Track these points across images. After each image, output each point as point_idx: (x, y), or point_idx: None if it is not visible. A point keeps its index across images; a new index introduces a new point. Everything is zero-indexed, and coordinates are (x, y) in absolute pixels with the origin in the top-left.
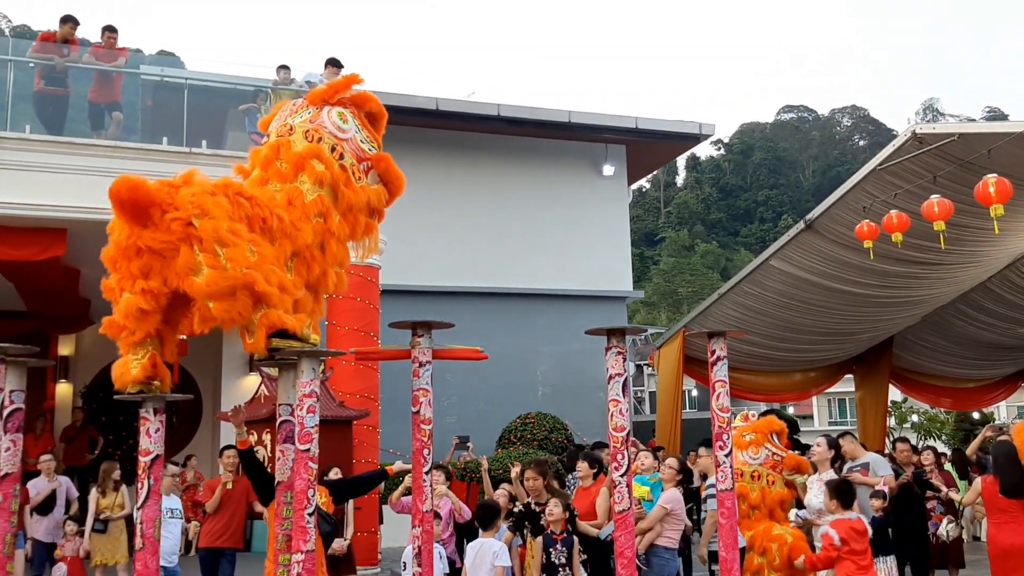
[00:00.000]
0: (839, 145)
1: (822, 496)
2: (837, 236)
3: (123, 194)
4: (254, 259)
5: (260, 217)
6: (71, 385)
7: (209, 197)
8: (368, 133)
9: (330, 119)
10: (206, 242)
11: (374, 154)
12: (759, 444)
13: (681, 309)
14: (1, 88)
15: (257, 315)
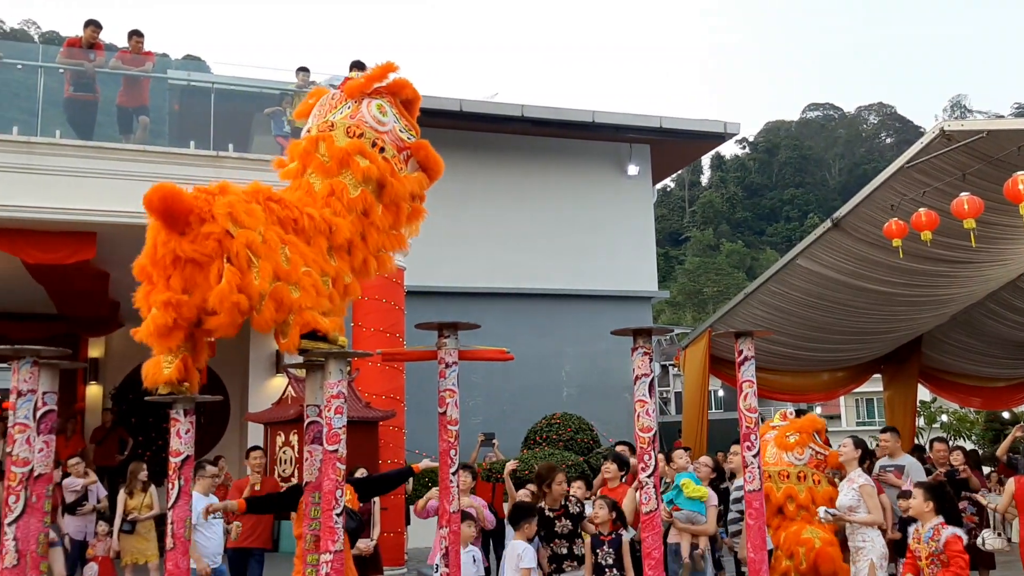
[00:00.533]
0: (866, 143)
1: (851, 495)
2: (865, 235)
3: (155, 203)
4: (287, 266)
5: (291, 219)
6: (101, 387)
7: (244, 206)
8: (406, 121)
9: (370, 113)
10: (239, 252)
11: (413, 143)
12: (804, 444)
13: (706, 309)
14: (32, 94)
15: (291, 316)
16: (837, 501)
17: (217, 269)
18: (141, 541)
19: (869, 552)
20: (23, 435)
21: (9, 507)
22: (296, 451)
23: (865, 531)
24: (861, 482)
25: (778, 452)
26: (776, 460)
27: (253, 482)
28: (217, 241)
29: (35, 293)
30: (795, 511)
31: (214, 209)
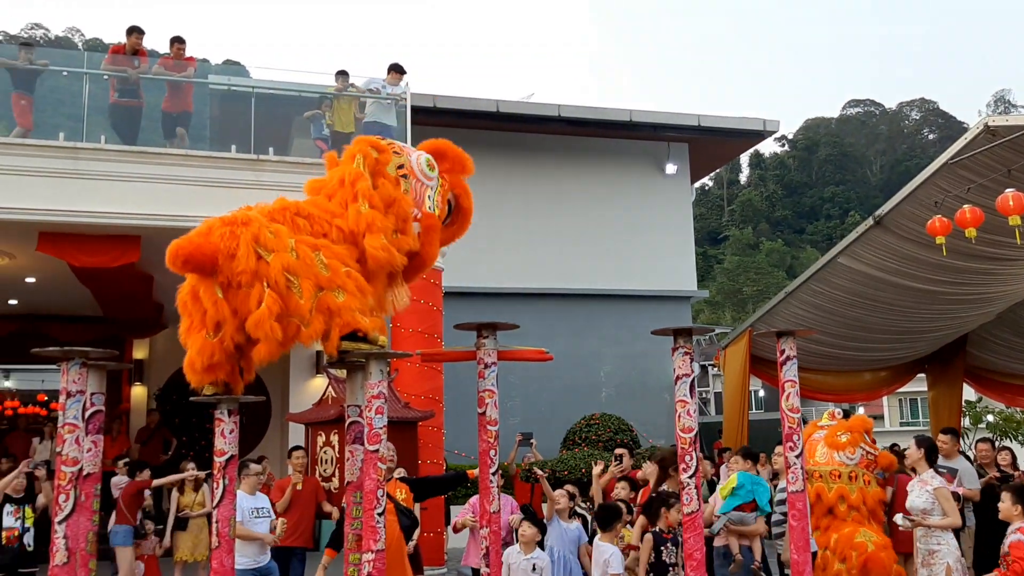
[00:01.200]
0: (907, 139)
1: (925, 497)
2: (908, 232)
3: (178, 262)
4: (327, 273)
5: (321, 233)
6: (145, 388)
7: (268, 229)
8: (441, 204)
9: (419, 158)
10: (277, 278)
11: (429, 212)
12: (855, 444)
13: (746, 308)
14: (77, 100)
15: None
16: (908, 503)
17: (257, 295)
18: (192, 538)
19: (945, 555)
20: (72, 435)
21: (59, 506)
22: (336, 451)
23: (940, 534)
24: (936, 484)
25: (829, 451)
26: (827, 460)
27: (295, 481)
28: (250, 273)
29: (81, 296)
30: (846, 512)
31: (240, 243)
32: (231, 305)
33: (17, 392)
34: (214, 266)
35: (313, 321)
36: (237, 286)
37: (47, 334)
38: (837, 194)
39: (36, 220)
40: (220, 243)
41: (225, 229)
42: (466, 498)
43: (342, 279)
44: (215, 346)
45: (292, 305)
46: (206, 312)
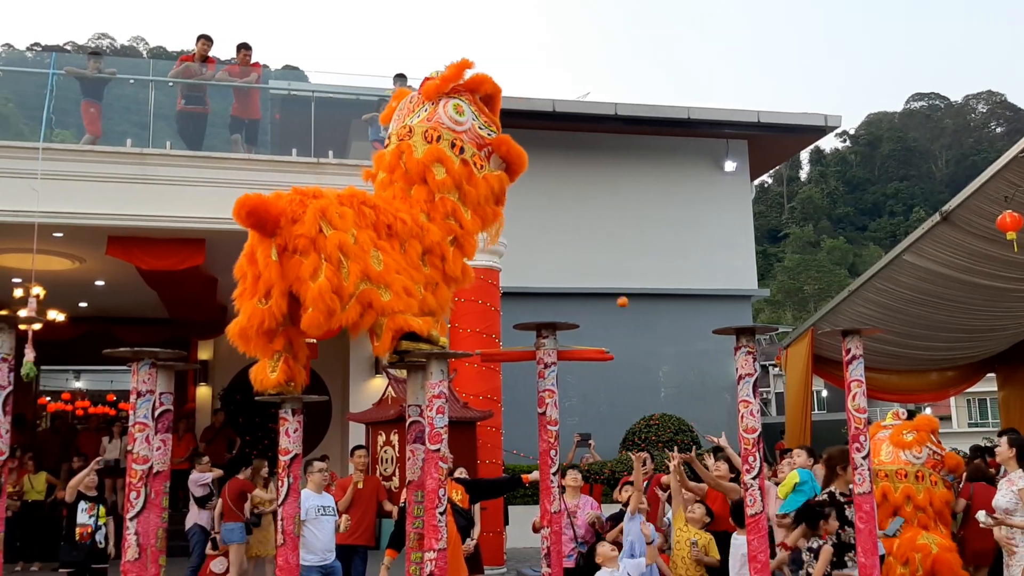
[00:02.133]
0: (974, 133)
1: (1010, 497)
2: (976, 228)
3: (243, 213)
4: (380, 268)
5: (385, 224)
6: (210, 388)
7: (336, 208)
8: (486, 118)
9: (446, 113)
10: (331, 252)
11: (493, 138)
12: (922, 443)
13: (807, 307)
14: (143, 108)
15: (383, 319)
16: (994, 502)
17: (312, 265)
18: (264, 534)
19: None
20: (143, 434)
21: (130, 503)
22: (396, 450)
23: (1022, 535)
24: (1022, 484)
25: (894, 450)
26: (892, 459)
27: (356, 480)
28: (309, 240)
29: (148, 298)
30: (912, 512)
31: (306, 211)
32: (283, 269)
33: (87, 392)
34: (275, 226)
35: (349, 309)
36: (293, 251)
37: (115, 336)
38: (901, 190)
39: (105, 225)
40: (287, 207)
41: (295, 196)
42: (525, 500)
43: (391, 278)
44: (265, 313)
45: (338, 284)
46: (259, 276)
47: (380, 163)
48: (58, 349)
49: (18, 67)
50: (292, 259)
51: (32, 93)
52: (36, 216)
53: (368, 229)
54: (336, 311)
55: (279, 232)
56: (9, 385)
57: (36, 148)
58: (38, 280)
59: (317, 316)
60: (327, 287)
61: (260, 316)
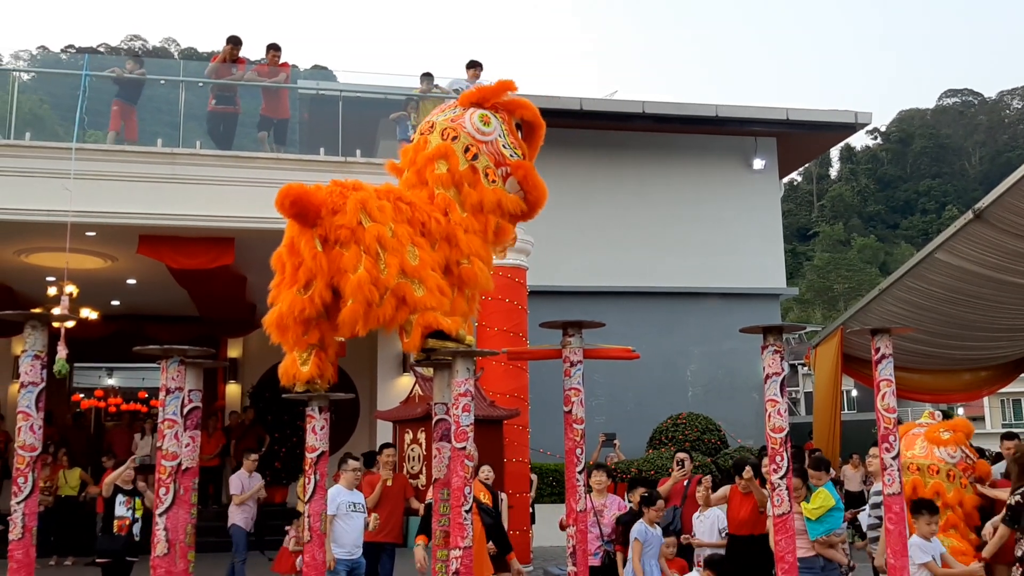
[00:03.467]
0: (1009, 129)
1: None
2: (1011, 226)
3: (286, 203)
4: (415, 263)
5: (420, 221)
6: (239, 385)
7: (376, 201)
8: (514, 140)
9: (471, 120)
10: (369, 244)
11: (514, 160)
12: (958, 443)
13: (837, 306)
14: (174, 108)
15: (414, 316)
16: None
17: (353, 257)
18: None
19: None
20: (172, 431)
21: (160, 499)
22: (424, 448)
23: None
24: None
25: (929, 446)
26: (926, 454)
27: (384, 477)
28: (350, 231)
29: (179, 296)
30: (941, 509)
31: (347, 202)
32: (330, 258)
33: (120, 389)
34: (316, 217)
35: (385, 303)
36: (334, 242)
37: (147, 334)
38: (933, 187)
39: (136, 224)
40: (328, 198)
41: (335, 188)
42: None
43: (426, 273)
44: (305, 302)
45: (375, 277)
46: (301, 265)
47: (405, 158)
48: (91, 347)
49: (53, 68)
50: (333, 250)
51: (66, 95)
52: (69, 215)
53: (404, 224)
54: (375, 303)
55: (320, 223)
56: (42, 382)
57: (69, 148)
58: (71, 279)
59: (357, 308)
60: (367, 278)
61: (300, 304)
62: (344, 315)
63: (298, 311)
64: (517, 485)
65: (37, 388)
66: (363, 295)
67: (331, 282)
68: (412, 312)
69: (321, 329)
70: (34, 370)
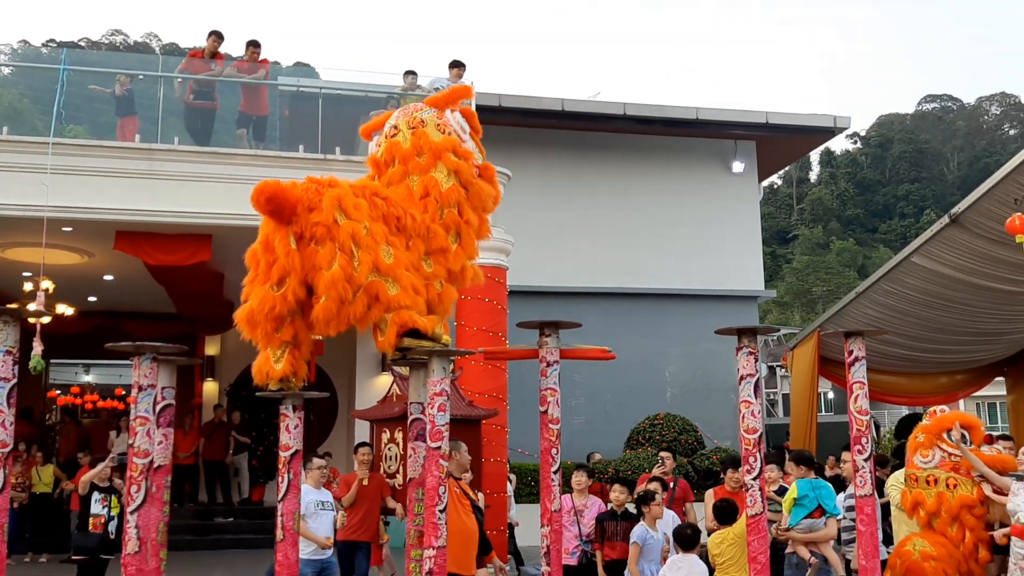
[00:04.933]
0: (987, 135)
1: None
2: (986, 231)
3: (261, 199)
4: (390, 261)
5: (395, 216)
6: (217, 383)
7: (352, 199)
8: (476, 144)
9: (455, 119)
10: (344, 242)
11: (480, 163)
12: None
13: (815, 309)
14: (153, 103)
15: (388, 315)
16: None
17: (328, 254)
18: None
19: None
20: (143, 428)
21: (131, 496)
22: (401, 448)
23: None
24: None
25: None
26: (908, 463)
27: (361, 476)
28: (325, 228)
29: (156, 293)
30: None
31: (323, 199)
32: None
33: (96, 386)
34: (292, 214)
35: (357, 300)
36: (310, 239)
37: (124, 330)
38: (912, 192)
39: (113, 220)
40: (304, 195)
41: (311, 185)
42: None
43: (400, 272)
44: (277, 299)
45: (349, 274)
46: (274, 263)
47: (396, 151)
48: (67, 343)
49: (33, 63)
50: (308, 248)
51: (46, 89)
52: (46, 211)
53: (380, 222)
54: (348, 300)
55: (296, 220)
56: (13, 378)
57: (46, 143)
58: (47, 274)
59: (330, 305)
60: (340, 275)
61: (271, 301)
62: (317, 312)
63: (269, 308)
64: (495, 485)
65: (8, 384)
66: (336, 292)
67: (305, 279)
68: (386, 310)
69: (295, 327)
70: (6, 366)
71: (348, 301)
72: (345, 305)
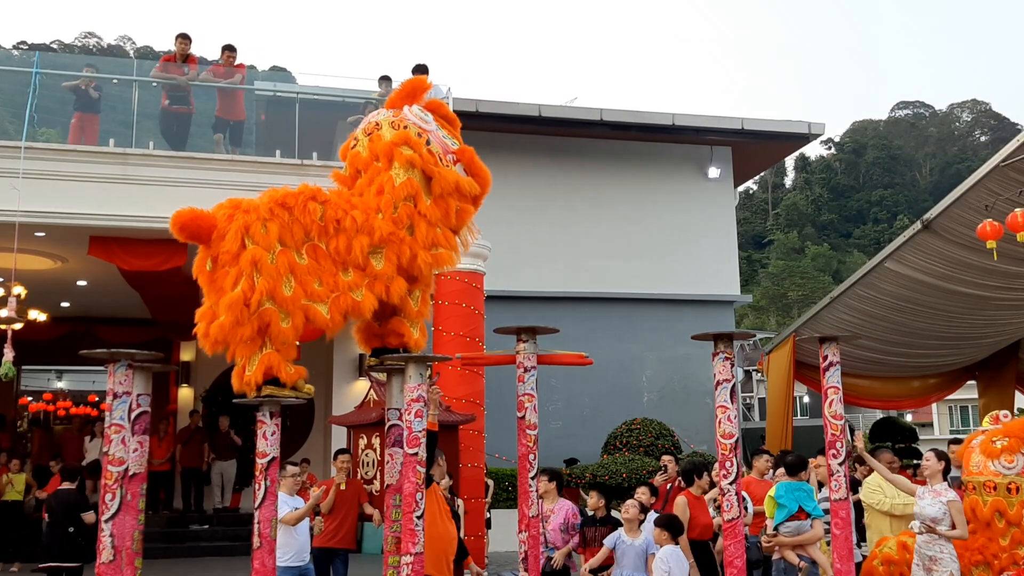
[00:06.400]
0: (958, 141)
1: (936, 507)
2: (957, 236)
3: (175, 229)
4: (289, 293)
5: (334, 219)
6: (192, 389)
7: (261, 224)
8: (449, 131)
9: (412, 112)
10: (244, 267)
11: (457, 148)
12: (1014, 450)
13: (791, 313)
14: (127, 107)
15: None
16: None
17: (233, 277)
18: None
19: (947, 564)
20: (119, 435)
21: (106, 505)
22: (378, 453)
23: (944, 543)
24: (950, 497)
25: (984, 460)
26: (981, 469)
27: (338, 482)
28: (233, 255)
29: (131, 299)
30: (1005, 528)
31: (231, 226)
32: (213, 279)
33: (69, 392)
34: (209, 239)
35: (247, 324)
36: (222, 263)
37: (98, 336)
38: (885, 197)
39: (87, 224)
40: (219, 222)
41: (228, 211)
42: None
43: (293, 306)
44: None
45: (248, 298)
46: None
47: (357, 162)
48: (40, 349)
49: (4, 66)
50: (220, 271)
51: (18, 92)
52: (18, 215)
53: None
54: (243, 322)
55: (212, 245)
56: None
57: (18, 147)
58: (19, 279)
59: (225, 324)
60: (240, 298)
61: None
62: (213, 329)
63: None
64: (473, 490)
65: None
66: (234, 314)
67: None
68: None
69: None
70: None
71: (243, 323)
72: (239, 326)
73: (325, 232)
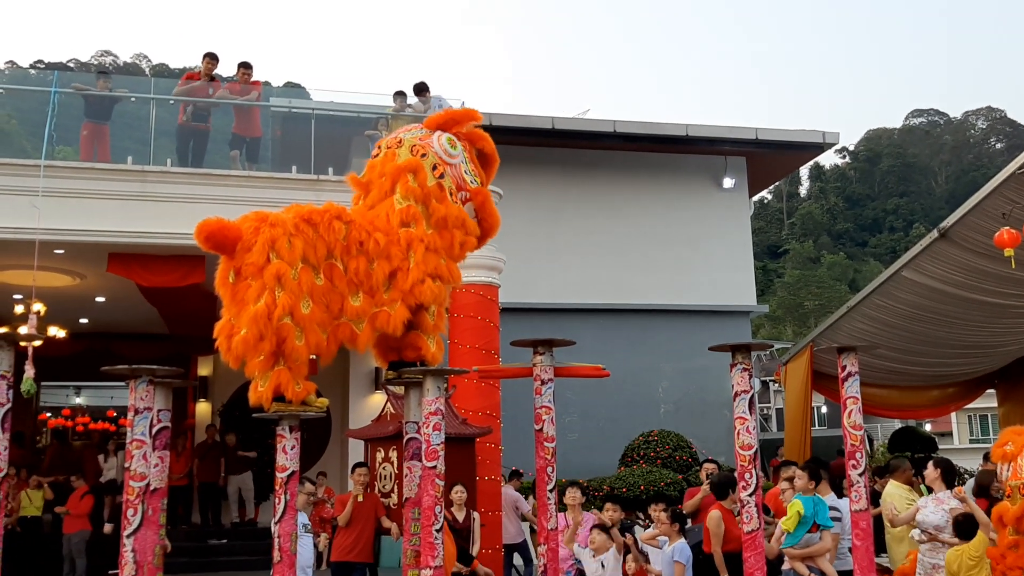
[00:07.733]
0: (974, 149)
1: (939, 515)
2: (974, 244)
3: (201, 238)
4: (306, 312)
5: (358, 240)
6: (210, 404)
7: (286, 238)
8: (474, 168)
9: (439, 142)
10: (268, 281)
11: (474, 187)
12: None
13: (807, 323)
14: (145, 125)
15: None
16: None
17: (256, 291)
18: None
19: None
20: (140, 451)
21: (127, 520)
22: (395, 467)
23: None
24: (953, 505)
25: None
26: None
27: (356, 494)
28: (258, 268)
29: (148, 315)
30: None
31: (257, 238)
32: (235, 291)
33: (88, 408)
34: (233, 250)
35: (266, 339)
36: (245, 275)
37: (116, 352)
38: (901, 206)
39: (106, 241)
40: (244, 234)
41: (253, 224)
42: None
43: (311, 326)
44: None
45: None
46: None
47: (372, 172)
48: (58, 365)
49: (21, 85)
50: (243, 283)
51: (35, 110)
52: (37, 233)
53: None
54: (266, 337)
55: (235, 256)
56: (8, 402)
57: (38, 165)
58: (39, 297)
59: (248, 338)
60: (264, 312)
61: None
62: (235, 343)
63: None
64: (490, 503)
65: (3, 408)
66: (257, 328)
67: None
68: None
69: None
70: (0, 390)
71: (265, 338)
72: (261, 341)
73: (348, 252)
